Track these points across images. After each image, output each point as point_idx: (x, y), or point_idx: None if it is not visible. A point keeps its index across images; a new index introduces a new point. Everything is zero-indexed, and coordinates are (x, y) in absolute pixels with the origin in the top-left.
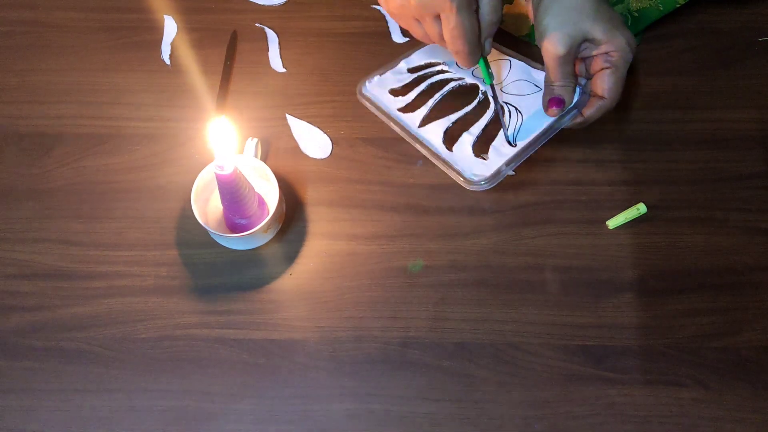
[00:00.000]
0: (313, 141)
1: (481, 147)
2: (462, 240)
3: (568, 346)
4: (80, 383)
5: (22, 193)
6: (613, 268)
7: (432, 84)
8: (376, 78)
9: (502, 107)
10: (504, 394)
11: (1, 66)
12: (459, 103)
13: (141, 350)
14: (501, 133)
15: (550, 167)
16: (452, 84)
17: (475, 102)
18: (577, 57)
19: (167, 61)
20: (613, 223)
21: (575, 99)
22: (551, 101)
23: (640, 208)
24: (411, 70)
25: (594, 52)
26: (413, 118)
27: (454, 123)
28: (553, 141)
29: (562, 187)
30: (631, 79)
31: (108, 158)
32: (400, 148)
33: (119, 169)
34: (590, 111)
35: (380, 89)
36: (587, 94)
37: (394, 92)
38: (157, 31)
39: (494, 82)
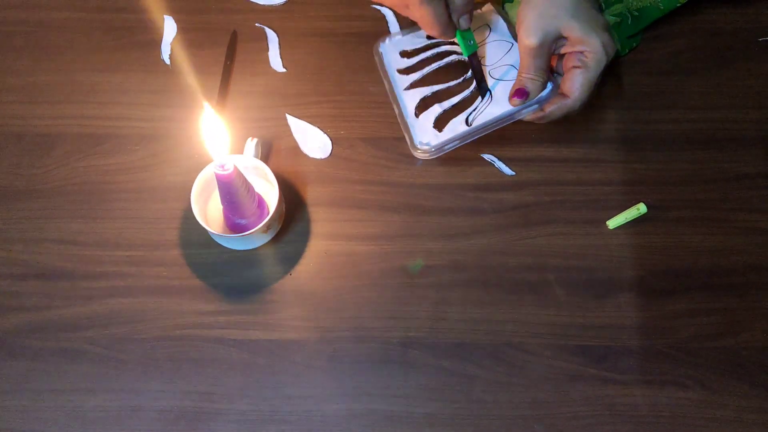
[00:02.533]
0: (313, 141)
1: (443, 120)
2: (462, 240)
3: (568, 346)
4: (80, 383)
5: (22, 193)
6: (613, 268)
7: (437, 53)
8: (397, 37)
9: (485, 87)
10: (504, 394)
11: (1, 66)
12: (449, 76)
13: (141, 350)
14: (464, 112)
15: (550, 167)
16: (452, 57)
17: (461, 78)
18: (553, 52)
19: (167, 61)
20: (613, 223)
21: (543, 94)
22: (517, 91)
23: (640, 208)
24: (429, 36)
25: (568, 50)
26: (404, 80)
27: (433, 93)
28: (553, 141)
29: (562, 187)
30: (631, 79)
31: (108, 158)
32: (400, 148)
33: (119, 169)
34: (551, 108)
35: (394, 49)
36: (555, 91)
37: (404, 53)
38: (157, 31)
39: (487, 65)
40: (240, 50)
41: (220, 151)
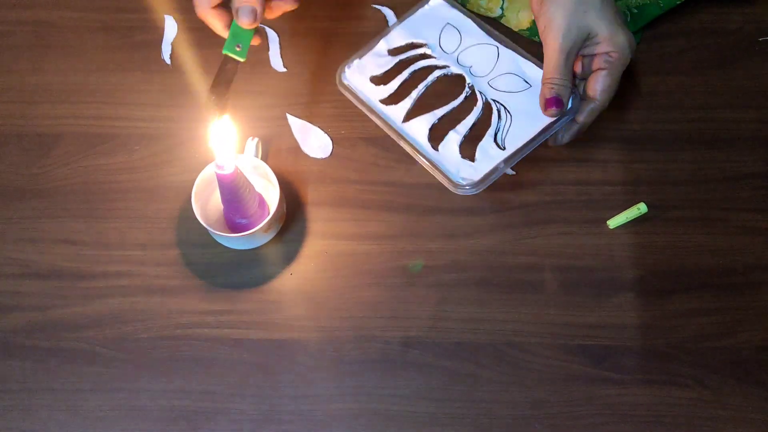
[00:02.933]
0: (314, 141)
1: (468, 147)
2: (462, 240)
3: (569, 346)
4: (80, 383)
5: (22, 193)
6: (613, 268)
7: (415, 72)
8: (356, 62)
9: (476, 101)
10: (504, 393)
11: (1, 66)
12: (444, 96)
13: (141, 350)
14: (489, 133)
15: (550, 167)
16: (437, 73)
17: (462, 96)
18: (578, 54)
19: (167, 61)
20: (613, 222)
21: (571, 102)
22: (549, 101)
23: (641, 208)
24: (392, 52)
25: (594, 50)
26: (397, 112)
27: (439, 119)
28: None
29: (562, 186)
30: (631, 78)
31: (108, 158)
32: (400, 147)
33: (119, 168)
34: (583, 116)
35: (360, 76)
36: (579, 98)
37: (376, 80)
38: (158, 31)
39: (473, 74)
40: None
41: (226, 150)
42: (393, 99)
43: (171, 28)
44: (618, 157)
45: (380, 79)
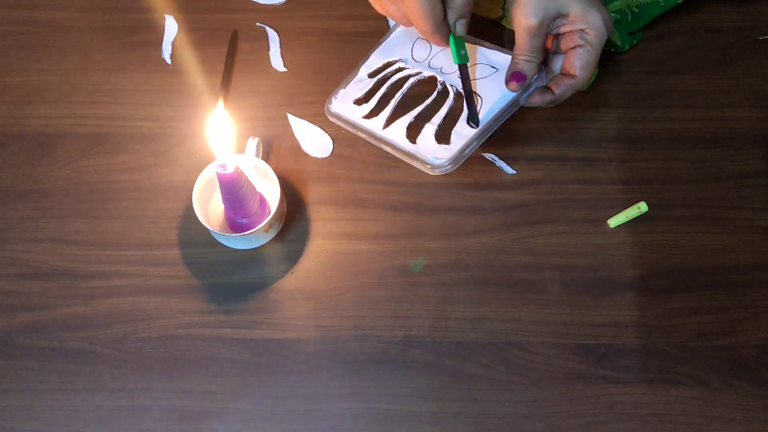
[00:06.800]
0: (315, 140)
1: (443, 134)
2: (463, 239)
3: (569, 345)
4: (81, 383)
5: (23, 193)
6: (614, 267)
7: (392, 84)
8: (341, 92)
9: (472, 92)
10: (505, 392)
11: (1, 66)
12: (419, 98)
13: (142, 350)
14: (462, 117)
15: (551, 166)
16: (411, 80)
17: (435, 94)
18: (549, 32)
19: (168, 61)
20: (614, 221)
21: (537, 76)
22: (513, 75)
23: (641, 207)
24: (371, 75)
25: (568, 29)
26: (376, 123)
27: (415, 117)
28: (554, 140)
29: (563, 186)
30: (631, 77)
31: (108, 158)
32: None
33: (120, 168)
34: (560, 89)
35: (345, 104)
36: (544, 73)
37: (359, 101)
38: (158, 31)
39: (451, 72)
40: (241, 49)
41: (224, 148)
42: (374, 112)
43: (171, 28)
44: (618, 156)
45: (362, 100)
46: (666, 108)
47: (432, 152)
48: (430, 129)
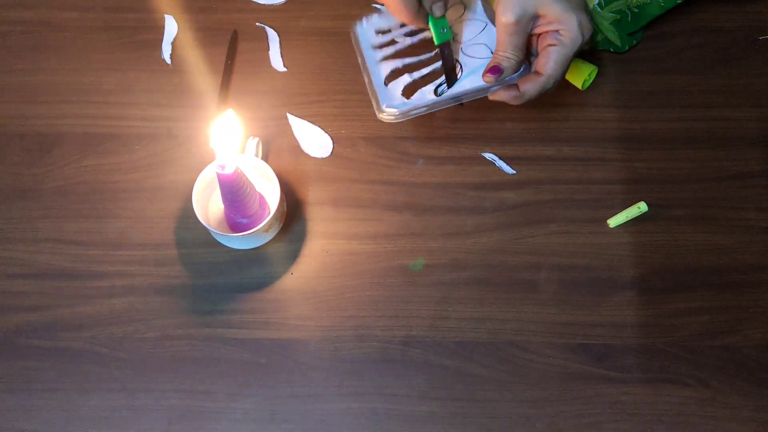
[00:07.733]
0: (314, 140)
1: (411, 89)
2: (463, 239)
3: (569, 345)
4: (81, 383)
5: (23, 193)
6: (613, 267)
7: (411, 30)
8: (375, 17)
9: (456, 65)
10: (505, 392)
11: (1, 66)
12: (422, 50)
13: (142, 350)
14: (434, 83)
15: (551, 166)
16: (426, 33)
17: (433, 53)
18: (530, 32)
19: (168, 61)
20: (614, 221)
21: (515, 75)
22: (491, 69)
23: (641, 207)
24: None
25: (545, 29)
26: (377, 54)
27: (405, 65)
28: (554, 140)
29: (563, 186)
30: (631, 77)
31: (108, 158)
32: (401, 147)
33: (120, 168)
34: (526, 86)
35: (369, 29)
36: (527, 71)
37: (379, 31)
38: (158, 31)
39: (454, 41)
40: (241, 49)
41: (228, 151)
42: (381, 46)
43: (171, 27)
44: (618, 156)
45: (382, 31)
46: (666, 108)
47: (389, 98)
48: (405, 79)
